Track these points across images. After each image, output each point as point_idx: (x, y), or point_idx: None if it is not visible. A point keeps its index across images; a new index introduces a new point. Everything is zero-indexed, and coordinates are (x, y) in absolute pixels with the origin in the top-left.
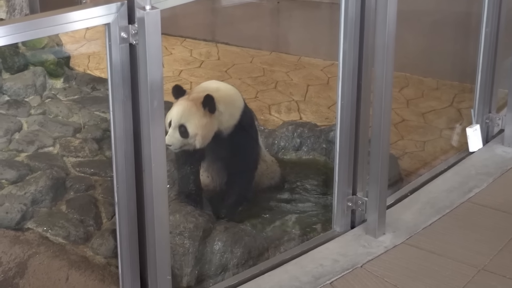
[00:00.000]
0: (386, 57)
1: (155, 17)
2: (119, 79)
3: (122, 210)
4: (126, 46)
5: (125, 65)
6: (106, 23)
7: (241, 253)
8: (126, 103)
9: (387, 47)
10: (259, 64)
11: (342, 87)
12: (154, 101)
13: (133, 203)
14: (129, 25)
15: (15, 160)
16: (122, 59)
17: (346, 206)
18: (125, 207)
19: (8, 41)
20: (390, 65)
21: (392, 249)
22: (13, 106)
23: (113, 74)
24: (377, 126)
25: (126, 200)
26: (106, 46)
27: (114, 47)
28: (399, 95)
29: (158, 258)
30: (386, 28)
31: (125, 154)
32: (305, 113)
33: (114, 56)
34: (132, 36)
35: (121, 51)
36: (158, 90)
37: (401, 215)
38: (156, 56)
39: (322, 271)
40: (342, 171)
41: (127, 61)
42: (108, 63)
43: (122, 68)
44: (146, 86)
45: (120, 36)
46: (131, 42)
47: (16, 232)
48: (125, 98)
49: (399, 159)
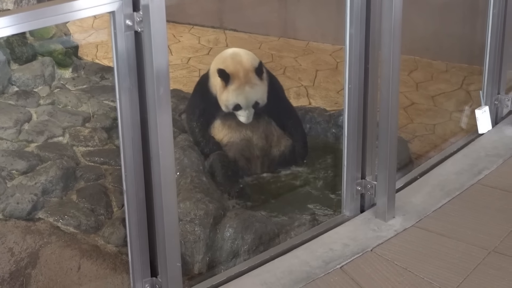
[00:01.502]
0: (392, 40)
1: (160, 4)
2: (125, 67)
3: (131, 198)
4: (131, 33)
5: (130, 53)
6: (111, 11)
7: (252, 239)
8: (132, 91)
9: (393, 30)
10: (267, 50)
11: (349, 72)
12: (160, 88)
13: (142, 191)
14: (134, 12)
15: (25, 150)
16: (127, 47)
17: (355, 190)
18: (133, 195)
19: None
20: (397, 49)
21: (402, 232)
22: (22, 97)
23: (119, 62)
24: (385, 110)
25: (135, 187)
26: (112, 34)
27: (120, 35)
28: (408, 78)
29: (168, 245)
30: (392, 12)
31: (133, 142)
32: (314, 98)
33: (119, 44)
34: (137, 23)
35: (126, 39)
36: (164, 77)
37: (411, 198)
38: (161, 43)
39: (332, 256)
40: (350, 155)
41: (133, 49)
42: (114, 51)
43: (128, 56)
44: (152, 73)
45: (125, 23)
46: (136, 30)
47: (27, 223)
48: (131, 86)
49: (409, 142)
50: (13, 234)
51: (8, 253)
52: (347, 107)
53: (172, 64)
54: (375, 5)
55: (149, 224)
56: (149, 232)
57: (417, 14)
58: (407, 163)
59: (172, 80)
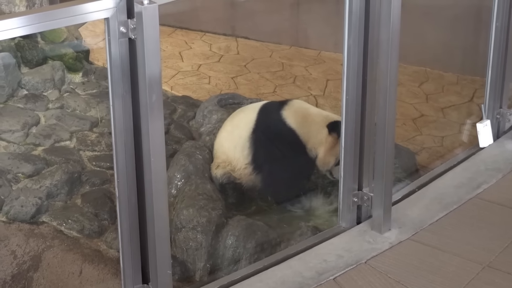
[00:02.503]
0: (390, 51)
1: (153, 12)
2: (119, 74)
3: (123, 204)
4: (125, 40)
5: (124, 59)
6: (105, 17)
7: (253, 248)
8: (125, 97)
9: (391, 42)
10: (278, 58)
11: (347, 83)
12: (153, 95)
13: (134, 196)
14: (128, 19)
15: (31, 154)
16: (121, 53)
17: (351, 201)
18: (125, 201)
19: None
20: (395, 60)
21: (397, 245)
22: (31, 100)
23: (112, 69)
24: (381, 122)
25: (127, 194)
26: (106, 41)
27: (114, 41)
28: (418, 90)
29: (158, 252)
30: (390, 23)
31: (125, 148)
32: (323, 108)
33: (113, 50)
34: (131, 30)
35: (120, 45)
36: (156, 84)
37: (408, 211)
38: (154, 50)
39: (325, 267)
40: (347, 167)
41: (127, 56)
42: (108, 58)
43: (121, 62)
44: (145, 80)
45: (119, 30)
46: (130, 37)
47: (31, 226)
48: (124, 92)
49: (417, 154)
50: (16, 237)
51: (11, 256)
52: (345, 118)
53: (182, 70)
54: (374, 16)
55: (141, 231)
56: (141, 238)
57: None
58: (414, 175)
59: (181, 87)
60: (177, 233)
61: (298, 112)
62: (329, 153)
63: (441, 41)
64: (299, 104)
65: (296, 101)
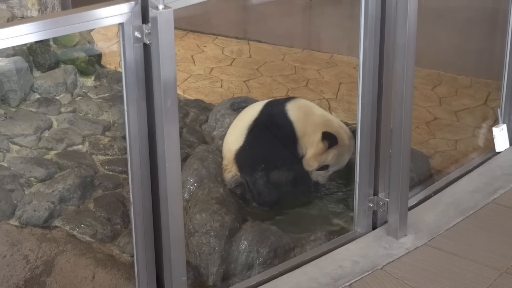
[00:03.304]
0: (406, 55)
1: (168, 17)
2: (133, 79)
3: (138, 210)
4: (140, 45)
5: (139, 64)
6: (120, 22)
7: (266, 253)
8: (140, 102)
9: (408, 45)
10: (290, 62)
11: (363, 87)
12: (168, 101)
13: (149, 203)
14: (142, 24)
15: (44, 158)
16: (136, 58)
17: (367, 206)
18: (140, 207)
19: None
20: (411, 64)
21: (413, 250)
22: (43, 104)
23: (127, 74)
24: (398, 126)
25: (141, 200)
26: (120, 46)
27: (128, 46)
28: (431, 93)
29: (173, 258)
30: (406, 26)
31: (140, 153)
32: (336, 111)
33: (128, 55)
34: (146, 35)
35: (135, 50)
36: (171, 89)
37: (424, 216)
38: (169, 55)
39: (341, 273)
40: (363, 172)
41: (141, 61)
42: (123, 63)
43: (136, 67)
44: (160, 85)
45: (134, 35)
46: (145, 42)
47: (43, 230)
48: (139, 97)
49: (430, 158)
50: (28, 241)
51: (24, 260)
52: (360, 123)
53: (194, 74)
54: (390, 19)
55: (156, 237)
56: (156, 245)
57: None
58: (428, 180)
59: (194, 91)
60: (190, 238)
61: (301, 108)
62: (314, 157)
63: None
64: (305, 102)
65: (303, 100)
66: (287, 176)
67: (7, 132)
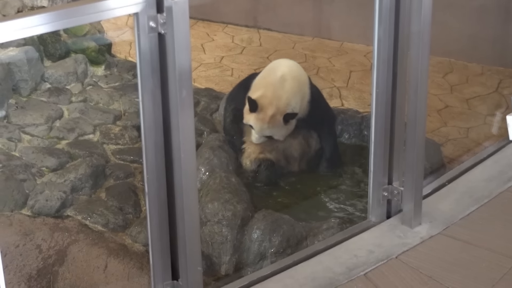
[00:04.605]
0: (421, 44)
1: (183, 6)
2: (148, 69)
3: (152, 200)
4: (155, 35)
5: (154, 54)
6: (135, 12)
7: (279, 242)
8: (155, 92)
9: (422, 34)
10: (301, 50)
11: (377, 76)
12: (183, 91)
13: (164, 193)
14: (157, 14)
15: (55, 147)
16: (151, 48)
17: (381, 195)
18: (155, 197)
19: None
20: (426, 52)
21: (428, 239)
22: (54, 94)
23: (142, 64)
24: (412, 115)
25: (156, 190)
26: (135, 36)
27: (143, 36)
28: (443, 80)
29: (189, 249)
30: (421, 14)
31: (155, 144)
32: (347, 100)
33: (142, 45)
34: (161, 25)
35: (150, 40)
36: (186, 79)
37: (438, 205)
38: (184, 45)
39: (356, 262)
40: (377, 160)
41: (156, 51)
42: (137, 53)
43: (151, 57)
44: (175, 75)
45: (149, 25)
46: (160, 32)
47: (55, 220)
48: (154, 87)
49: (442, 146)
50: (41, 231)
51: (36, 250)
52: (374, 111)
53: (205, 63)
54: (405, 7)
55: (171, 227)
56: (171, 234)
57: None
58: (440, 168)
59: (204, 79)
60: (202, 227)
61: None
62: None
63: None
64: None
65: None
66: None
67: (18, 122)
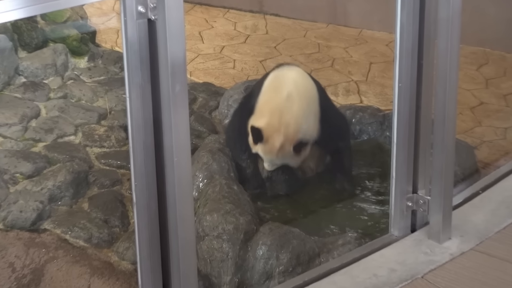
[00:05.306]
0: (451, 31)
1: None
2: (137, 60)
3: (141, 212)
4: (144, 22)
5: (143, 43)
6: None
7: (288, 259)
8: (144, 87)
9: (452, 20)
10: (313, 38)
11: (400, 68)
12: (176, 85)
13: (154, 203)
14: None
15: (31, 151)
16: (139, 36)
17: (405, 206)
18: (144, 208)
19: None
20: (456, 41)
21: (459, 256)
22: (30, 89)
23: (129, 54)
24: (440, 113)
25: (146, 199)
26: (122, 22)
27: (131, 23)
28: (477, 73)
29: (183, 267)
30: None
31: (145, 146)
32: (366, 96)
33: (130, 33)
34: (151, 10)
35: (138, 27)
36: (180, 72)
37: (471, 216)
38: (178, 33)
39: (376, 283)
40: (400, 166)
41: (146, 39)
42: (124, 42)
43: (139, 47)
44: (167, 68)
45: (137, 10)
46: (150, 18)
47: (31, 234)
48: (143, 81)
49: (476, 149)
50: (14, 247)
51: (9, 269)
52: (397, 109)
53: (203, 53)
54: None
55: (163, 242)
56: (163, 251)
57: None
58: (473, 174)
59: (202, 72)
60: (200, 242)
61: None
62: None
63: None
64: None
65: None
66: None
67: None
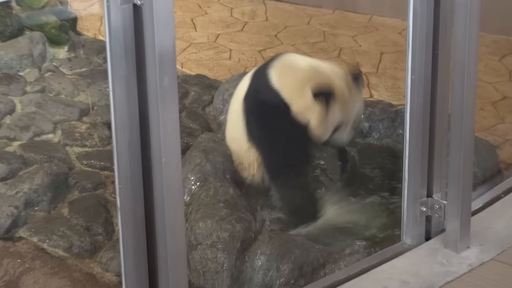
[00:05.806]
0: (469, 18)
1: None
2: (121, 50)
3: (126, 218)
4: (129, 7)
5: (128, 32)
6: None
7: (289, 270)
8: (130, 80)
9: (470, 5)
10: (318, 26)
11: (413, 58)
12: (165, 78)
13: (141, 208)
14: None
15: (5, 150)
16: (124, 24)
17: (419, 211)
18: (129, 214)
19: None
20: (475, 29)
21: (479, 267)
22: (4, 82)
23: (112, 44)
24: (458, 108)
25: (131, 204)
26: (104, 8)
27: (114, 8)
28: (499, 64)
29: (172, 279)
30: None
31: (130, 145)
32: (377, 89)
33: (114, 20)
34: None
35: (123, 13)
36: (169, 63)
37: (491, 223)
38: (166, 20)
39: None
40: (413, 167)
41: (131, 27)
42: (107, 30)
43: (124, 35)
44: (154, 58)
45: None
46: (136, 2)
47: (5, 243)
48: (128, 73)
49: (498, 148)
50: None
51: None
52: (410, 104)
53: (195, 42)
54: None
55: (150, 251)
56: (150, 261)
57: None
58: (494, 175)
59: (195, 63)
60: (191, 252)
61: (284, 68)
62: (319, 121)
63: None
64: (289, 58)
65: (287, 55)
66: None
67: None
